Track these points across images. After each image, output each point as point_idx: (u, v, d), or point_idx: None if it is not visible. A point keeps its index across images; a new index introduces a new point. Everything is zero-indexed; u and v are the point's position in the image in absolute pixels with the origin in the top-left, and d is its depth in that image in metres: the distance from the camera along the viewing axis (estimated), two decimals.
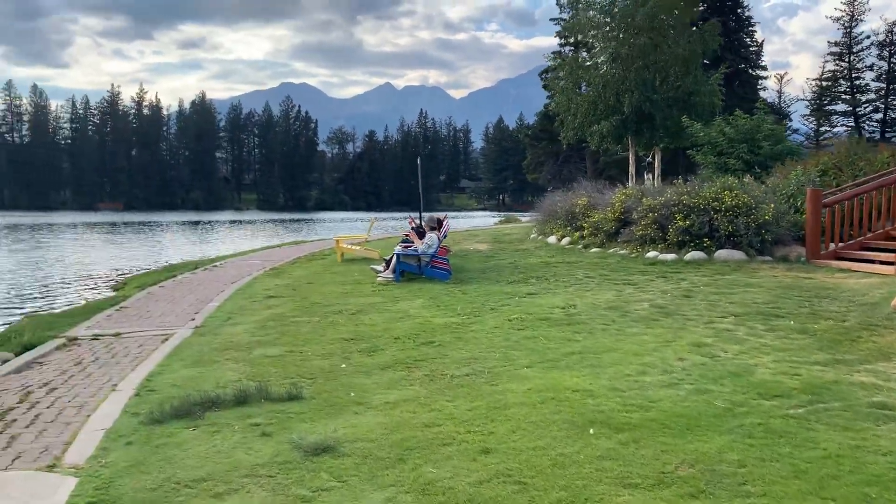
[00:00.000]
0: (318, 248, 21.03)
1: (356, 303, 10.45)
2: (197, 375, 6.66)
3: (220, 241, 37.94)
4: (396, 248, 13.70)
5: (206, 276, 14.79)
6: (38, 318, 10.30)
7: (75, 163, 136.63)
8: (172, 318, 9.99)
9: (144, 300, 11.65)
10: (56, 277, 18.72)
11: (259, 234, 46.39)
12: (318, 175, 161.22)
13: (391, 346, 7.58)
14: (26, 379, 6.89)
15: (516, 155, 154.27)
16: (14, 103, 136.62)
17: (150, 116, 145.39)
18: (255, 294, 11.88)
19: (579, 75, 23.94)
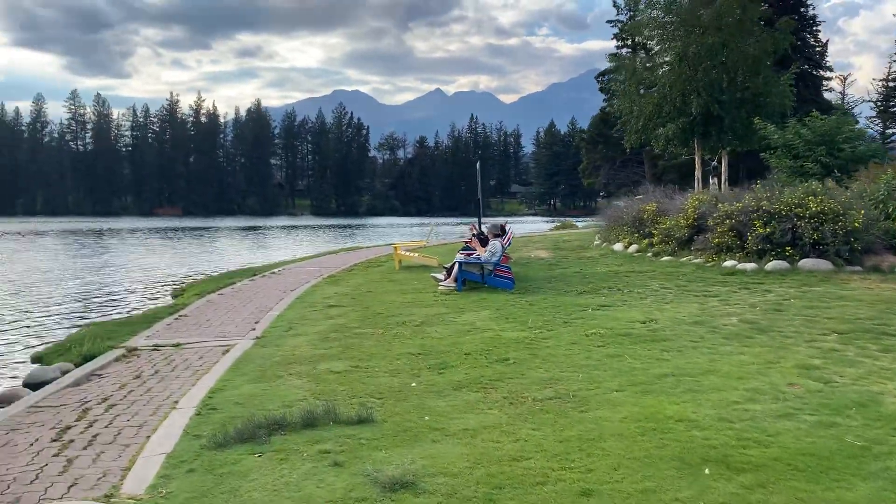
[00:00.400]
0: (373, 255, 20.73)
1: (419, 314, 9.99)
2: (260, 392, 6.27)
3: (275, 246, 38.10)
4: (458, 255, 13.22)
5: (265, 283, 14.57)
6: (99, 327, 10.15)
7: (136, 169, 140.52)
8: (232, 328, 9.69)
9: (204, 308, 11.43)
10: (118, 283, 18.83)
11: (313, 239, 46.58)
12: (370, 181, 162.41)
13: (462, 362, 7.08)
14: (85, 392, 6.62)
15: (568, 159, 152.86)
16: (78, 112, 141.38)
17: (207, 124, 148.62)
18: (315, 303, 11.54)
19: (644, 76, 23.08)
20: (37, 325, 12.24)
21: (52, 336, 11.06)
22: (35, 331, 11.79)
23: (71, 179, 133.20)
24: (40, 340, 10.78)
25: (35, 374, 7.73)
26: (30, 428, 5.59)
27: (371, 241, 40.74)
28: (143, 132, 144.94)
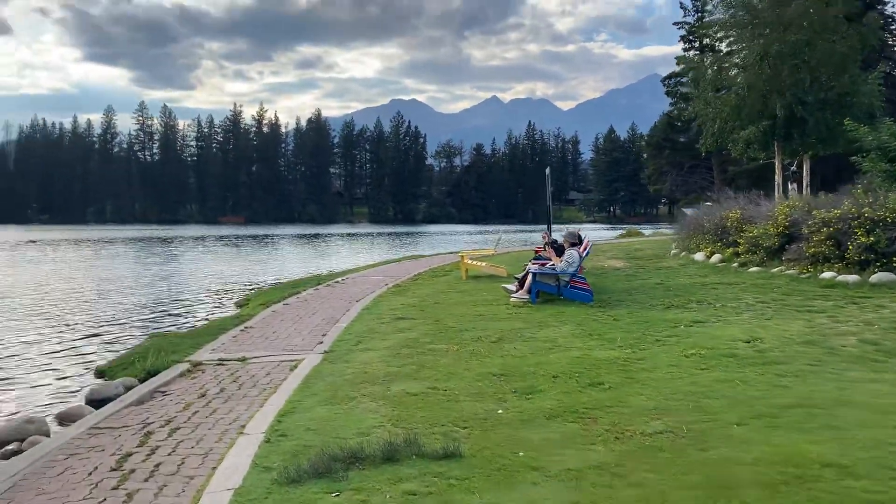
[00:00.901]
0: (437, 263, 20.21)
1: (495, 328, 9.35)
2: (333, 416, 5.74)
3: (336, 254, 38.03)
4: (530, 265, 12.55)
5: (330, 292, 14.17)
6: (163, 339, 9.85)
7: (200, 179, 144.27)
8: (299, 341, 9.25)
9: (270, 319, 11.05)
10: (183, 292, 18.78)
11: (373, 247, 46.45)
12: (427, 188, 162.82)
13: (551, 386, 6.40)
14: (148, 413, 6.21)
15: (628, 166, 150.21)
16: (146, 123, 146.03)
17: (269, 134, 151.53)
18: (383, 314, 11.04)
19: (721, 77, 21.95)
20: (103, 335, 12.07)
21: (118, 346, 10.84)
22: (103, 339, 11.62)
23: (139, 189, 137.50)
24: (106, 351, 10.56)
25: (98, 390, 7.41)
26: (89, 453, 5.18)
27: (431, 249, 40.32)
28: (207, 142, 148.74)
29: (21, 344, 11.18)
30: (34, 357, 10.16)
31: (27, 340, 11.50)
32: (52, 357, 10.17)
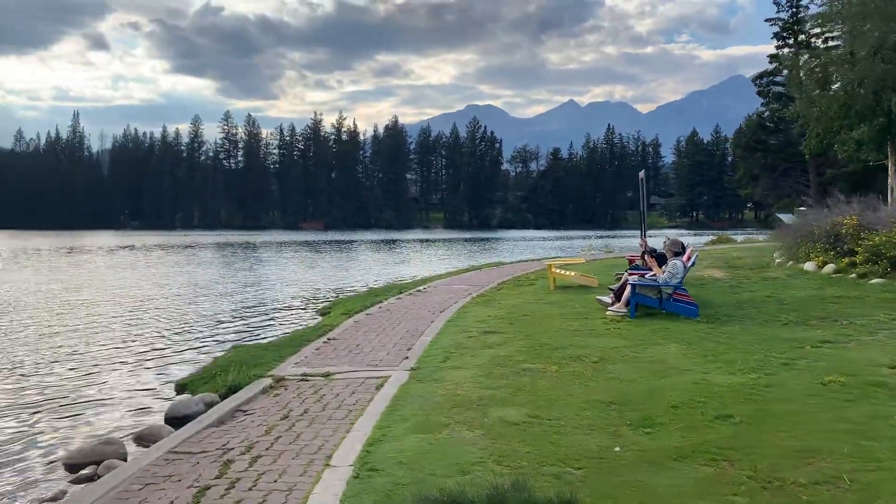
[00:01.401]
0: (520, 272, 19.50)
1: (594, 346, 8.60)
2: (426, 448, 5.15)
3: (415, 261, 37.75)
4: (626, 275, 11.70)
5: (412, 302, 13.68)
6: (245, 351, 9.54)
7: (282, 185, 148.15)
8: (384, 355, 8.75)
9: (353, 331, 10.61)
10: (266, 299, 18.72)
11: (451, 253, 46.01)
12: (502, 194, 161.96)
13: (672, 418, 5.63)
14: (228, 436, 5.78)
15: (711, 169, 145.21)
16: (231, 132, 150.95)
17: (347, 141, 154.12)
18: (469, 327, 10.43)
19: (827, 73, 20.41)
20: (187, 344, 11.93)
21: (200, 357, 10.63)
22: (186, 349, 11.46)
23: (224, 195, 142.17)
24: (188, 362, 10.36)
25: (177, 407, 7.08)
26: (165, 483, 4.76)
27: (511, 255, 39.56)
28: (289, 150, 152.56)
29: (109, 351, 11.14)
30: (119, 366, 10.05)
31: (115, 347, 11.47)
32: (137, 367, 10.02)
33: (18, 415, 7.47)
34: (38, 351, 11.07)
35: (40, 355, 10.70)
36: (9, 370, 9.66)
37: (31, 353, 10.90)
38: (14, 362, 10.19)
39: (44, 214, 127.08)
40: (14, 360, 10.31)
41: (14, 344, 11.65)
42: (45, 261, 35.42)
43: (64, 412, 7.66)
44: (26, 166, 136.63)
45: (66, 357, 10.57)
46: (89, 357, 10.65)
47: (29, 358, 10.54)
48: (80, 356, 10.70)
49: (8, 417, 7.39)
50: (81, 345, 11.60)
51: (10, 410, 7.64)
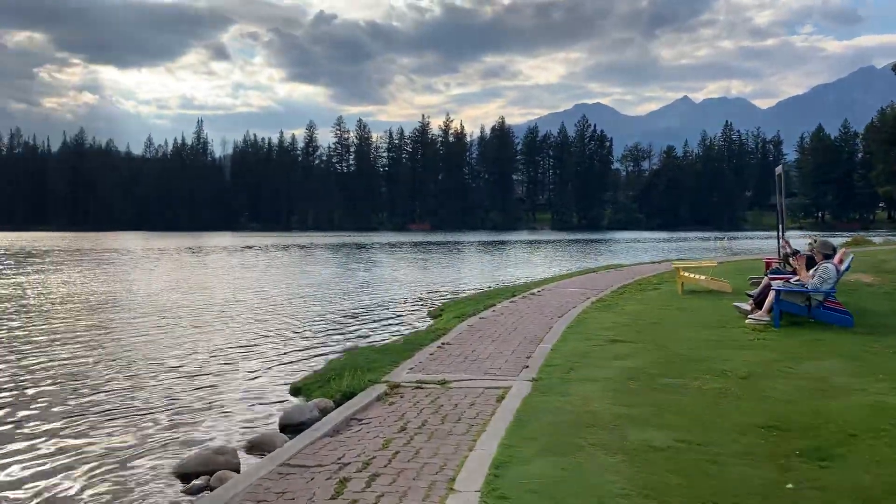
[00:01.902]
0: (640, 274, 18.46)
1: (738, 359, 7.70)
2: (560, 476, 4.55)
3: (526, 262, 36.97)
4: (765, 280, 10.61)
5: (526, 306, 13.06)
6: (359, 355, 9.24)
7: (391, 187, 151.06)
8: (502, 363, 8.20)
9: (467, 336, 10.13)
10: (379, 300, 18.61)
11: (563, 255, 44.90)
12: (612, 194, 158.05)
13: (851, 448, 4.77)
14: (344, 448, 5.41)
15: (839, 167, 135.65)
16: (343, 137, 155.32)
17: (454, 143, 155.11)
18: (592, 334, 9.71)
19: None
20: (302, 345, 11.82)
21: (315, 360, 10.45)
22: (301, 350, 11.36)
23: (336, 198, 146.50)
24: (303, 364, 10.19)
25: (291, 414, 6.81)
26: (278, 502, 4.41)
27: (626, 257, 38.10)
28: (398, 153, 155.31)
29: (225, 351, 11.20)
30: (235, 367, 10.02)
31: (232, 347, 11.53)
32: (252, 368, 9.96)
33: (132, 417, 7.45)
34: (156, 350, 11.27)
35: (158, 355, 10.87)
36: (125, 370, 9.81)
37: (150, 353, 11.09)
38: (131, 361, 10.38)
39: (170, 216, 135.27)
40: (131, 360, 10.51)
41: (134, 343, 11.95)
42: (171, 261, 37.28)
43: (179, 414, 7.59)
44: (155, 171, 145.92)
45: (183, 357, 10.67)
46: (206, 357, 10.72)
47: (147, 357, 10.72)
48: (197, 356, 10.78)
49: (122, 419, 7.38)
50: (199, 345, 11.74)
51: (125, 412, 7.64)
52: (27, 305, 17.06)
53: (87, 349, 11.22)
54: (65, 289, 21.26)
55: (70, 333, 12.70)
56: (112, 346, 11.56)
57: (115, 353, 10.95)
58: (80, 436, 6.78)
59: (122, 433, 6.85)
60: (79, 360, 10.33)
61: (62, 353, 10.94)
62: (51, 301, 17.96)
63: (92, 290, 20.60)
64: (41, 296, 19.30)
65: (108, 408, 7.77)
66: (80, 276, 26.06)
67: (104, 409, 7.74)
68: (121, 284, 22.67)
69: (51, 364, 10.08)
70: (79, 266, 32.33)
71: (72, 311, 15.81)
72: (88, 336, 12.43)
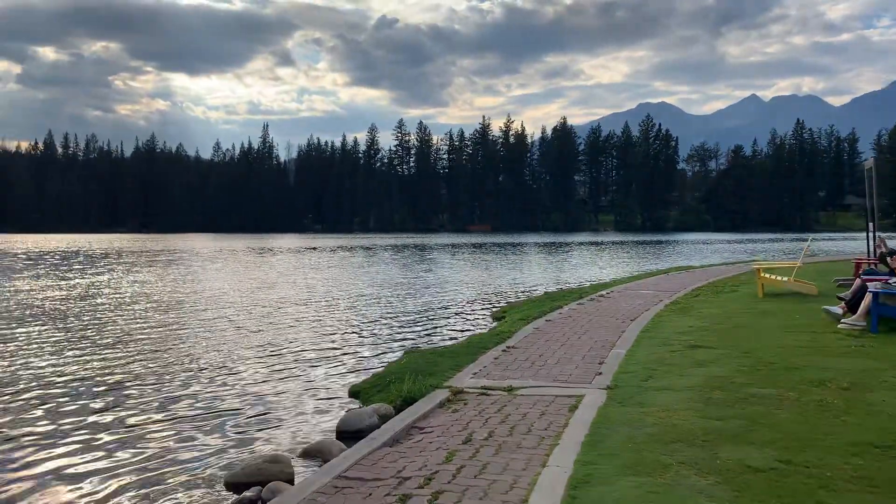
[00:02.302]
0: (715, 276, 17.56)
1: (836, 367, 6.98)
2: (650, 499, 4.02)
3: (591, 264, 36.03)
4: (858, 282, 9.75)
5: (595, 308, 12.46)
6: (420, 357, 8.84)
7: (451, 189, 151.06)
8: (572, 369, 7.68)
9: (532, 339, 9.63)
10: (440, 300, 18.24)
11: (628, 257, 43.69)
12: (678, 194, 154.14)
13: None
14: (404, 459, 5.00)
15: None
16: (404, 139, 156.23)
17: (515, 145, 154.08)
18: (669, 339, 9.08)
19: None
20: (362, 346, 11.52)
21: (374, 361, 10.13)
22: (361, 350, 11.06)
23: (397, 200, 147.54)
24: (362, 366, 9.88)
25: (349, 420, 6.45)
26: None
27: (696, 259, 36.77)
28: (458, 155, 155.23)
29: (286, 351, 11.00)
30: (295, 368, 9.77)
31: (293, 348, 11.32)
32: (312, 369, 9.70)
33: (185, 421, 7.22)
34: (217, 351, 11.14)
35: (218, 356, 10.73)
36: (181, 371, 9.67)
37: (209, 354, 10.97)
38: (189, 362, 10.26)
39: (237, 218, 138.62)
40: (189, 361, 10.39)
41: (195, 344, 11.87)
42: (240, 262, 37.83)
43: (234, 417, 7.34)
44: (222, 174, 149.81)
45: (243, 358, 10.50)
46: (266, 358, 10.52)
47: (206, 358, 10.59)
48: (257, 357, 10.60)
49: (176, 422, 7.16)
50: (260, 345, 11.58)
51: (179, 415, 7.44)
52: (97, 306, 17.36)
53: (150, 349, 11.19)
54: (135, 289, 21.67)
55: (136, 334, 12.76)
56: (173, 346, 11.50)
57: (175, 353, 10.87)
58: (131, 440, 6.58)
59: (174, 438, 6.62)
60: (140, 361, 10.28)
61: (124, 353, 10.93)
62: (120, 302, 18.25)
63: (162, 291, 20.92)
64: (111, 296, 19.67)
65: (162, 410, 7.60)
66: (151, 277, 26.59)
67: (159, 411, 7.57)
68: (189, 285, 22.96)
69: (111, 365, 10.04)
70: (151, 267, 33.11)
71: (140, 312, 15.98)
72: (153, 336, 12.45)
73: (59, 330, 13.06)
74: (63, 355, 10.61)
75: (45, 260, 39.33)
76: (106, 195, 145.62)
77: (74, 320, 14.34)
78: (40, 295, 19.57)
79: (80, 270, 30.35)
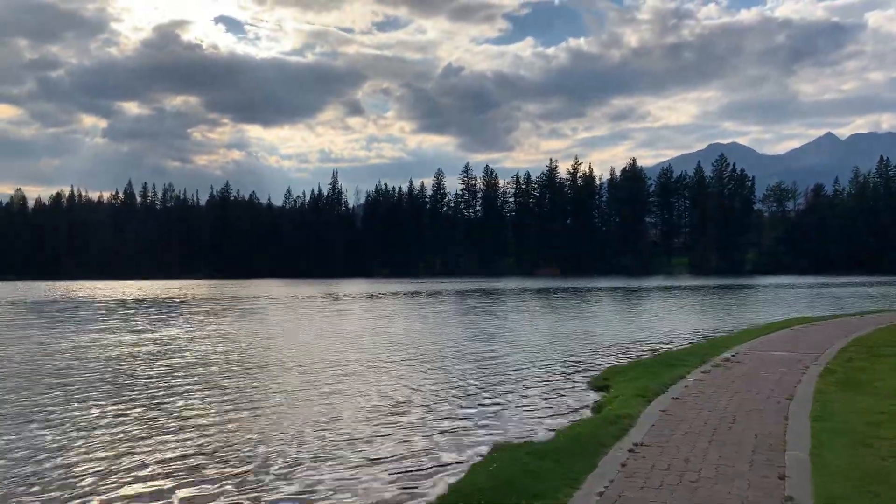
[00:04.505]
0: (852, 332, 14.63)
1: None
2: None
3: (681, 311, 32.63)
4: None
5: (729, 380, 9.87)
6: (513, 459, 6.45)
7: (518, 232, 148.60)
8: (744, 489, 5.25)
9: (664, 430, 7.19)
10: (516, 358, 15.81)
11: (719, 305, 40.03)
12: (755, 236, 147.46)
13: None
14: None
15: None
16: (470, 184, 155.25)
17: (583, 187, 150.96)
18: (862, 432, 6.55)
19: None
20: (426, 433, 9.14)
21: (449, 454, 7.83)
22: (425, 439, 8.77)
23: (463, 244, 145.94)
24: (430, 458, 7.60)
25: None
26: None
27: (801, 308, 33.13)
28: (524, 198, 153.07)
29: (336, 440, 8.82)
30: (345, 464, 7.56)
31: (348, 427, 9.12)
32: (363, 464, 7.47)
33: None
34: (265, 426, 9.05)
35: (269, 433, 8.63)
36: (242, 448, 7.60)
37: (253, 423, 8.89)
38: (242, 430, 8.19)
39: (307, 264, 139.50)
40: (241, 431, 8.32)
41: (249, 402, 9.83)
42: (316, 308, 36.15)
43: None
44: (293, 221, 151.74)
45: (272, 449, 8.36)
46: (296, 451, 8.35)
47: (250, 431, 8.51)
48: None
49: None
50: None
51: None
52: (198, 357, 15.64)
53: (228, 410, 9.20)
54: (217, 343, 20.03)
55: (216, 393, 10.83)
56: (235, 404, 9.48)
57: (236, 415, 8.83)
58: None
59: None
60: (220, 420, 8.29)
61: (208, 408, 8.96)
62: (208, 358, 16.53)
63: (240, 344, 19.18)
64: (205, 348, 18.00)
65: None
66: (233, 327, 25.03)
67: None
68: (270, 340, 21.17)
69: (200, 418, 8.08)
70: (226, 318, 31.78)
71: (227, 370, 14.14)
72: (235, 395, 10.48)
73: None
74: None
75: (148, 310, 38.63)
76: (182, 242, 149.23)
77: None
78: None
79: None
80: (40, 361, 15.32)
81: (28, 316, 31.33)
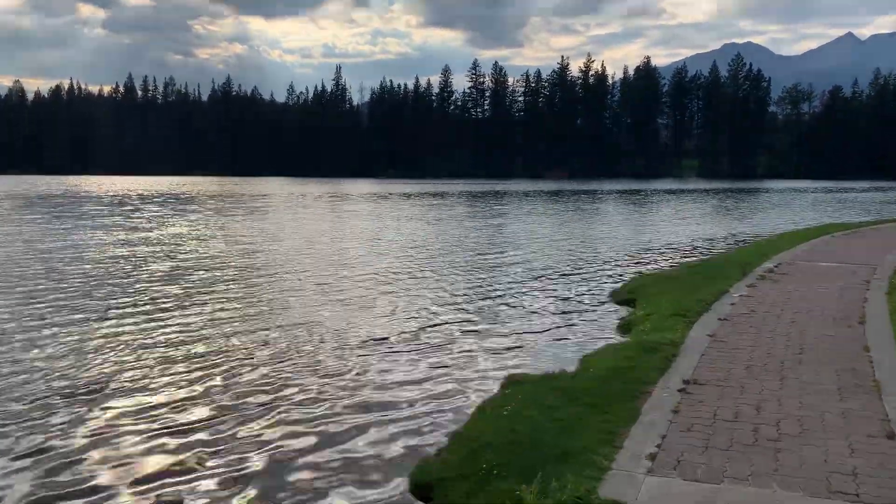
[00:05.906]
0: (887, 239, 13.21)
1: None
2: None
3: (703, 216, 30.77)
4: None
5: (782, 297, 8.52)
6: (531, 401, 5.11)
7: (527, 133, 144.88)
8: (842, 450, 3.95)
9: (715, 359, 5.87)
10: (527, 266, 14.48)
11: (739, 208, 38.25)
12: (769, 138, 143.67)
13: None
14: None
15: None
16: (479, 82, 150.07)
17: (595, 86, 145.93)
18: None
19: None
20: (432, 355, 7.93)
21: (448, 384, 6.60)
22: (432, 365, 7.52)
23: (470, 144, 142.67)
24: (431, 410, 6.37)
25: None
26: None
27: (827, 214, 31.52)
28: (534, 98, 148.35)
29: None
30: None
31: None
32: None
33: None
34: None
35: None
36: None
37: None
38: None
39: (310, 162, 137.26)
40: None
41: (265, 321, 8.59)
42: (323, 207, 34.78)
43: None
44: (296, 118, 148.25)
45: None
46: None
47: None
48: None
49: None
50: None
51: None
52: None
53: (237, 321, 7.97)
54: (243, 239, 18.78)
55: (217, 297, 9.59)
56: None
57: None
58: None
59: None
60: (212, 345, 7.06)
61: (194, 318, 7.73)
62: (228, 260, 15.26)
63: (239, 243, 17.92)
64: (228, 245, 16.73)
65: None
66: (266, 225, 23.75)
67: None
68: (285, 241, 19.91)
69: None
70: (252, 214, 30.46)
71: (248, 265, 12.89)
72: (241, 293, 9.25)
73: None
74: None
75: (170, 202, 37.25)
76: (185, 138, 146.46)
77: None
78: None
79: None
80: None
81: (29, 210, 30.00)
